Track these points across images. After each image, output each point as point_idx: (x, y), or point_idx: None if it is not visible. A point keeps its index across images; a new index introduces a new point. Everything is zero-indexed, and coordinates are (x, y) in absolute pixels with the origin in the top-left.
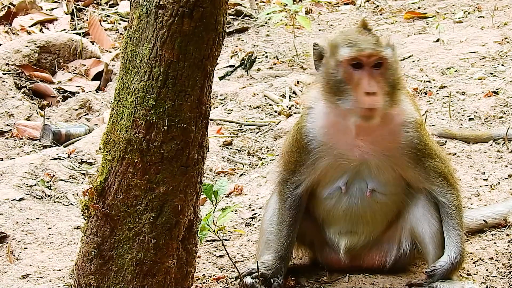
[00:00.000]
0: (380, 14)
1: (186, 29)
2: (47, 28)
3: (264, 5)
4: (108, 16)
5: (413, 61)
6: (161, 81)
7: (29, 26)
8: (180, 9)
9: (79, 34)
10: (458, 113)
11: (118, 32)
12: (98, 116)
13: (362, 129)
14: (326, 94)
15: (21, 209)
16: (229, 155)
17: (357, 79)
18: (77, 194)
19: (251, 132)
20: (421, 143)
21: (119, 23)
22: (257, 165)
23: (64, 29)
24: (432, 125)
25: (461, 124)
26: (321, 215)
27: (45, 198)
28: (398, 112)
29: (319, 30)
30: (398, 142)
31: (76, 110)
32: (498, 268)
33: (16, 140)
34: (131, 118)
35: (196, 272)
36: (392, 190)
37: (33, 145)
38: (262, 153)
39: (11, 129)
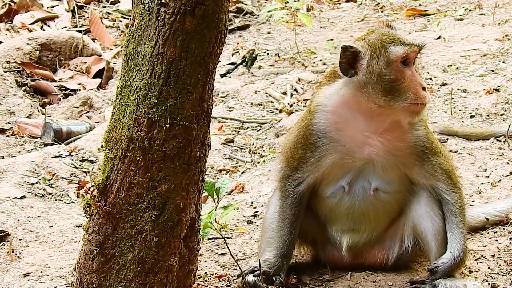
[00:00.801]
0: (381, 12)
1: (188, 27)
2: (48, 26)
3: (265, 2)
4: (109, 13)
5: None
6: (163, 79)
7: (30, 24)
8: (182, 6)
9: (80, 31)
10: (460, 110)
11: (119, 29)
12: (99, 114)
13: (378, 127)
14: (376, 94)
15: (22, 207)
16: (231, 153)
17: (409, 76)
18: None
19: (252, 130)
20: (428, 141)
21: (120, 21)
22: (258, 162)
23: (65, 27)
24: (434, 123)
25: (463, 121)
26: (323, 213)
27: (47, 196)
28: None
29: (320, 27)
30: (408, 141)
31: (77, 107)
32: (500, 265)
33: (17, 138)
34: (133, 116)
35: (198, 270)
36: (395, 188)
37: (34, 143)
38: (264, 150)
39: (12, 127)
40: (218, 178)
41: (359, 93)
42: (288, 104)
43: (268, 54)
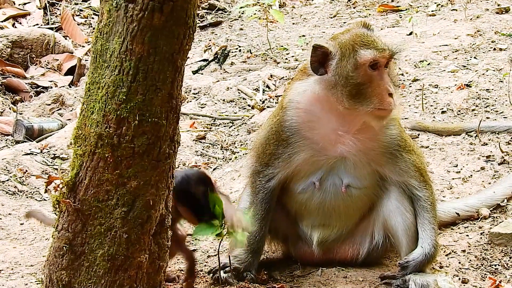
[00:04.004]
0: (354, 7)
1: (156, 23)
2: (20, 23)
3: None
4: (81, 10)
5: None
6: (132, 76)
7: (2, 21)
8: (150, 3)
9: (51, 28)
10: (431, 106)
11: (91, 26)
12: (71, 111)
13: (350, 127)
14: (342, 96)
15: None
16: (203, 149)
17: (377, 80)
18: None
19: (224, 126)
20: (402, 140)
21: (92, 18)
22: (230, 159)
23: (37, 24)
24: (405, 118)
25: (434, 117)
26: (294, 208)
27: (18, 194)
28: None
29: (293, 23)
30: (380, 140)
31: (49, 105)
32: (470, 260)
33: None
34: (101, 112)
35: (169, 267)
36: (366, 184)
37: (6, 140)
38: (236, 147)
39: None
40: None
41: (329, 92)
42: (260, 100)
43: (240, 50)
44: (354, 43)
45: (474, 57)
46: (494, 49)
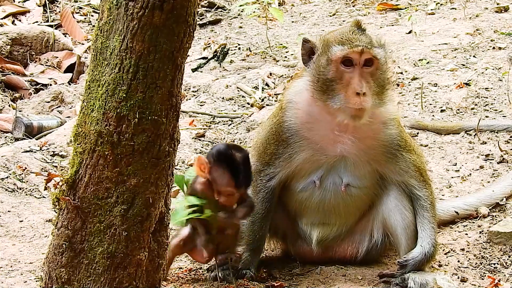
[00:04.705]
0: (353, 6)
1: (156, 21)
2: (19, 20)
3: None
4: (80, 8)
5: None
6: (132, 73)
7: (1, 18)
8: (151, 1)
9: (51, 26)
10: (430, 104)
11: (91, 24)
12: (70, 108)
13: (346, 127)
14: (315, 91)
15: None
16: (202, 147)
17: (348, 78)
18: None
19: (223, 124)
20: (402, 140)
21: (92, 15)
22: None
23: (37, 21)
24: (404, 117)
25: (433, 115)
26: (294, 207)
27: (17, 191)
28: (382, 110)
29: (292, 22)
30: (380, 140)
31: (49, 102)
32: (469, 259)
33: None
34: (101, 110)
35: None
36: (366, 183)
37: (5, 137)
38: None
39: None
40: (187, 169)
41: (309, 87)
42: (259, 98)
43: (239, 48)
44: (331, 40)
45: (473, 56)
46: (493, 48)
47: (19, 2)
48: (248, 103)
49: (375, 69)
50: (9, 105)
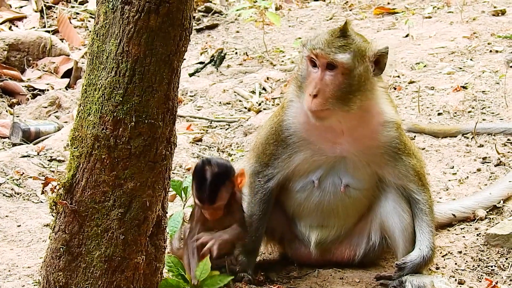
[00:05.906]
0: (350, 10)
1: (152, 25)
2: (16, 26)
3: (234, 1)
4: (77, 13)
5: None
6: (128, 77)
7: None
8: (147, 4)
9: (48, 31)
10: (427, 107)
11: (88, 29)
12: (67, 113)
13: (337, 127)
14: (295, 88)
15: None
16: (199, 152)
17: (311, 78)
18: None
19: (221, 129)
20: (401, 143)
21: (89, 21)
22: None
23: (34, 27)
24: (401, 120)
25: (430, 118)
26: (292, 208)
27: (15, 196)
28: (378, 112)
29: (289, 26)
30: (378, 141)
31: (46, 107)
32: (466, 261)
33: None
34: (98, 114)
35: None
36: (365, 185)
37: (3, 143)
38: (232, 149)
39: None
40: (186, 177)
41: (294, 85)
42: (257, 102)
43: (236, 53)
44: (310, 38)
45: (470, 59)
46: (490, 51)
47: (16, 8)
48: (245, 108)
49: (339, 74)
50: (7, 111)
